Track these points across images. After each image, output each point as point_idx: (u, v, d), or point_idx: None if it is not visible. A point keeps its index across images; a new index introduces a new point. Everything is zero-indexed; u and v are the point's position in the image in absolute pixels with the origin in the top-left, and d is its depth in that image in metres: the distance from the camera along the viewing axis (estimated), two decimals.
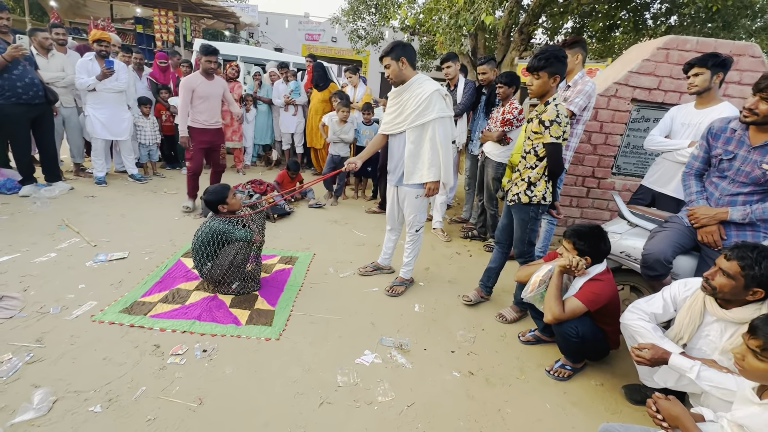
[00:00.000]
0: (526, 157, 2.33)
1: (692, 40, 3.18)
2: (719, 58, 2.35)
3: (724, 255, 1.55)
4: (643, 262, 2.10)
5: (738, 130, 1.97)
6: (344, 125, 4.63)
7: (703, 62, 2.38)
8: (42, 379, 1.76)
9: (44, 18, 10.89)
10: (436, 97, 2.38)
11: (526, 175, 2.32)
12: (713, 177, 2.09)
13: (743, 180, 1.94)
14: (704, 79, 2.39)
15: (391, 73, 2.44)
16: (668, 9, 7.12)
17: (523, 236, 2.44)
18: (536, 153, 2.26)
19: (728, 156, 1.98)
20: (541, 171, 2.28)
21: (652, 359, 1.59)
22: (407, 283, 2.89)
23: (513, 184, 2.43)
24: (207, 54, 3.64)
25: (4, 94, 3.68)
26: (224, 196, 2.51)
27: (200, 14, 10.61)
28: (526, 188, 2.32)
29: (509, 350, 2.33)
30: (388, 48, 2.40)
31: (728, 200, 2.00)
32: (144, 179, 4.89)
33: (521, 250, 2.49)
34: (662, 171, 2.72)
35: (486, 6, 5.15)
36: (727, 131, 2.02)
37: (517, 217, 2.43)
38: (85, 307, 2.31)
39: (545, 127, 2.14)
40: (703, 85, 2.40)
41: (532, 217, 2.38)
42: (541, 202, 2.32)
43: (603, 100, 3.38)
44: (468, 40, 8.06)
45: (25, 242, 2.99)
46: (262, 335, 2.22)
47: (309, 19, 17.40)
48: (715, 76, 2.38)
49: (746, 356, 1.26)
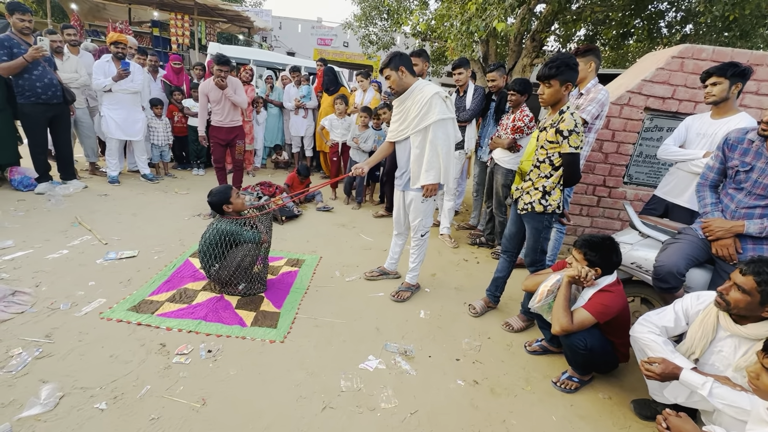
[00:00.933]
0: (540, 167, 2.28)
1: (708, 49, 3.14)
2: (739, 67, 2.27)
3: (739, 269, 1.51)
4: (655, 274, 2.06)
5: (756, 141, 1.93)
6: (364, 131, 4.64)
7: (721, 71, 2.30)
8: (50, 374, 1.79)
9: (65, 20, 11.19)
10: (435, 99, 2.40)
11: (540, 184, 2.28)
12: (729, 189, 2.05)
13: (761, 192, 1.89)
14: (722, 89, 2.32)
15: (393, 83, 2.48)
16: (683, 18, 7.02)
17: (536, 245, 2.41)
18: (552, 162, 2.22)
19: (745, 168, 1.94)
20: (556, 180, 2.24)
21: (662, 374, 1.55)
22: (413, 289, 2.88)
23: (524, 193, 2.38)
24: (219, 63, 3.93)
25: (24, 93, 3.78)
26: (227, 197, 2.53)
27: (215, 18, 10.80)
28: (540, 197, 2.28)
29: (515, 360, 2.30)
30: (386, 60, 2.46)
31: (745, 213, 1.96)
32: (156, 179, 4.96)
33: (533, 259, 2.45)
34: (676, 181, 2.66)
35: (498, 13, 5.14)
36: (744, 142, 1.98)
37: (530, 226, 2.40)
38: (94, 304, 2.34)
39: (563, 137, 2.10)
40: (720, 95, 2.33)
41: (545, 226, 2.35)
42: (555, 211, 2.30)
43: (615, 108, 3.34)
44: (479, 47, 8.06)
45: (39, 239, 3.05)
46: (267, 337, 2.22)
47: (322, 23, 17.59)
48: (733, 87, 2.31)
49: (761, 375, 1.22)
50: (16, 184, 4.01)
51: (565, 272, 2.00)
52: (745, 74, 2.28)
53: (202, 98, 4.12)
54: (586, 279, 1.93)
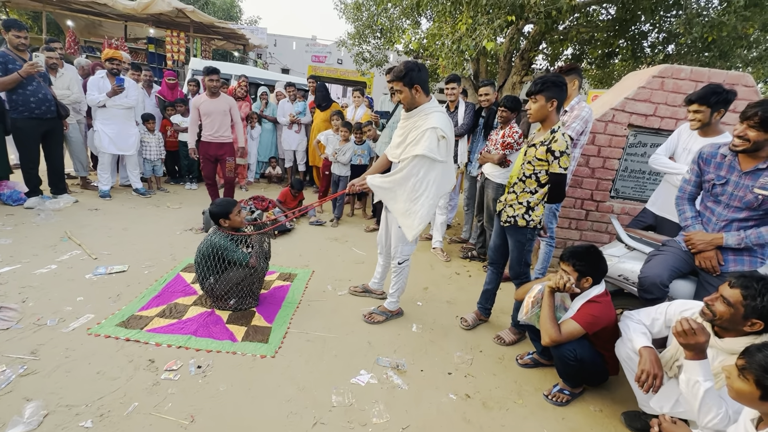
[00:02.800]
0: (525, 181, 2.31)
1: (686, 69, 3.27)
2: (721, 95, 2.29)
3: (728, 282, 1.53)
4: (639, 284, 2.11)
5: (728, 156, 2.00)
6: (344, 145, 4.72)
7: (704, 99, 2.33)
8: (34, 392, 1.75)
9: (61, 36, 11.28)
10: (429, 134, 2.19)
11: (525, 199, 2.33)
12: (708, 202, 2.11)
13: (737, 205, 1.96)
14: (704, 116, 2.37)
15: (404, 99, 2.28)
16: (665, 38, 7.31)
17: (519, 257, 2.44)
18: (538, 179, 2.26)
19: (720, 181, 2.01)
20: (540, 197, 2.29)
21: None
22: (389, 315, 2.69)
23: (507, 206, 2.42)
24: (208, 74, 4.03)
25: (18, 108, 3.79)
26: (228, 211, 2.54)
27: (211, 36, 10.97)
28: (524, 212, 2.33)
29: (507, 373, 2.30)
30: (401, 72, 2.20)
31: (724, 225, 2.02)
32: (148, 194, 4.95)
33: (517, 272, 2.47)
34: (665, 196, 2.71)
35: (487, 33, 5.32)
36: (717, 156, 2.04)
37: (513, 239, 2.44)
38: (82, 319, 2.31)
39: (555, 157, 2.14)
40: (704, 120, 2.39)
41: (528, 239, 2.39)
42: (537, 226, 2.34)
43: (600, 125, 3.45)
44: (470, 65, 8.27)
45: (27, 253, 3.01)
46: (258, 352, 2.20)
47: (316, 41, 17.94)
48: (716, 113, 2.36)
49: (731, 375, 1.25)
50: (5, 198, 3.97)
51: (546, 282, 2.04)
52: (728, 100, 2.32)
53: (193, 112, 4.18)
54: (566, 287, 1.96)
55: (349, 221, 4.96)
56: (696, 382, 1.47)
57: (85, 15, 9.34)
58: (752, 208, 1.91)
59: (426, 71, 2.27)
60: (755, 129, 1.80)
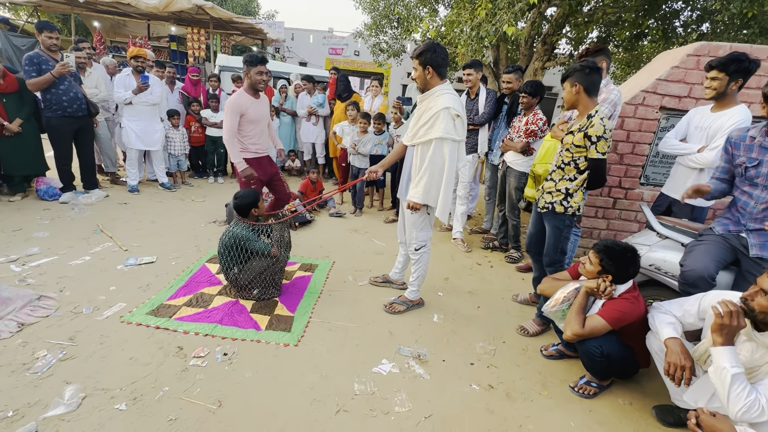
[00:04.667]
0: (564, 168, 2.30)
1: (725, 46, 3.07)
2: (743, 62, 2.23)
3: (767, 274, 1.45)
4: (684, 278, 1.99)
5: (757, 137, 1.93)
6: (363, 136, 4.70)
7: (723, 66, 2.26)
8: (73, 376, 1.84)
9: (89, 37, 11.68)
10: (444, 114, 2.19)
11: (563, 186, 2.31)
12: (744, 186, 2.01)
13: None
14: (721, 84, 2.30)
15: (418, 78, 2.30)
16: (699, 16, 6.89)
17: (556, 244, 2.42)
18: (577, 165, 2.25)
19: (753, 163, 1.93)
20: (579, 183, 2.27)
21: None
22: (409, 305, 2.68)
23: (546, 192, 2.41)
24: (256, 64, 2.93)
25: (52, 107, 3.96)
26: (256, 200, 2.61)
27: (230, 31, 11.11)
28: (562, 198, 2.31)
29: (531, 364, 2.26)
30: (419, 50, 2.24)
31: (764, 208, 1.90)
32: (173, 188, 5.10)
33: (553, 259, 2.45)
34: (677, 177, 2.67)
35: (508, 17, 5.15)
36: (746, 139, 1.98)
37: (551, 225, 2.42)
38: (115, 308, 2.41)
39: (592, 143, 2.12)
40: (719, 89, 2.31)
41: (567, 225, 2.37)
42: (576, 213, 2.32)
43: (630, 108, 3.29)
44: (490, 52, 8.06)
45: (63, 245, 3.16)
46: (281, 341, 2.24)
47: (333, 34, 17.87)
48: (733, 83, 2.29)
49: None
50: (42, 194, 4.17)
51: (585, 284, 1.97)
52: (748, 70, 2.25)
53: (232, 118, 2.94)
54: (604, 293, 1.90)
55: (368, 212, 4.97)
56: (723, 368, 1.41)
57: (110, 15, 9.63)
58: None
59: (444, 54, 2.26)
60: None
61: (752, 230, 1.95)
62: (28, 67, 3.79)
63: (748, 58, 2.23)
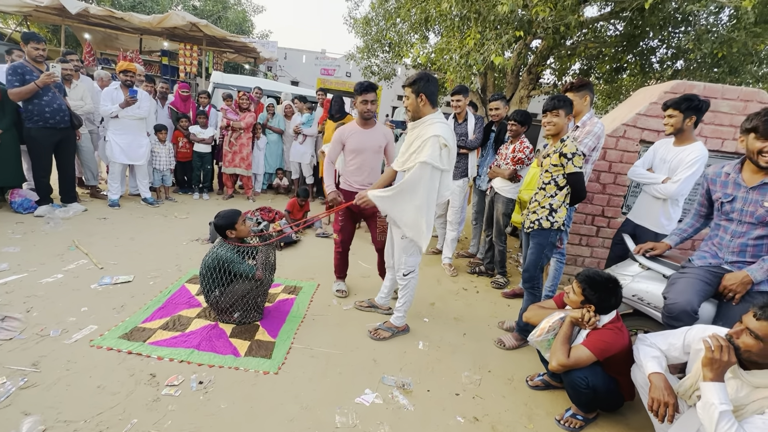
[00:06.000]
0: (545, 188, 2.47)
1: (699, 86, 3.23)
2: (693, 101, 2.43)
3: (753, 313, 1.43)
4: (667, 311, 2.01)
5: (731, 173, 2.01)
6: None
7: (677, 105, 2.47)
8: (33, 405, 1.72)
9: (78, 49, 11.60)
10: (432, 141, 2.21)
11: (547, 203, 2.46)
12: (720, 221, 2.08)
13: (750, 221, 1.92)
14: (677, 121, 2.49)
15: (409, 106, 2.33)
16: (674, 54, 7.30)
17: (537, 260, 2.52)
18: (557, 183, 2.42)
19: (728, 198, 2.01)
20: (562, 198, 2.43)
21: None
22: (395, 331, 2.64)
23: (530, 212, 2.54)
24: (360, 93, 2.73)
25: (33, 118, 3.87)
26: (233, 222, 2.52)
27: (223, 49, 11.20)
28: (547, 214, 2.45)
29: (517, 395, 2.22)
30: (412, 79, 2.29)
31: (739, 242, 1.96)
32: (156, 203, 4.98)
33: (532, 274, 2.54)
34: (641, 204, 2.82)
35: (496, 48, 5.35)
36: (721, 176, 2.06)
37: (535, 242, 2.52)
38: (85, 331, 2.29)
39: (568, 159, 2.32)
40: (676, 125, 2.50)
41: (550, 242, 2.49)
42: (560, 228, 2.45)
43: (612, 140, 3.40)
44: (478, 78, 8.32)
45: (34, 262, 3.02)
46: (261, 368, 2.16)
47: (325, 55, 18.23)
48: (687, 119, 2.47)
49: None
50: (16, 206, 4.02)
51: (569, 314, 1.97)
52: (700, 108, 2.45)
53: (335, 146, 2.91)
54: (588, 323, 1.90)
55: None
56: (711, 404, 1.39)
57: (102, 28, 9.61)
58: (765, 223, 1.88)
59: (435, 84, 2.33)
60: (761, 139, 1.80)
61: (731, 262, 2.00)
62: (11, 77, 3.72)
63: (698, 98, 2.45)
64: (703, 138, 3.29)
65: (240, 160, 5.58)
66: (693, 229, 2.31)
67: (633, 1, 5.41)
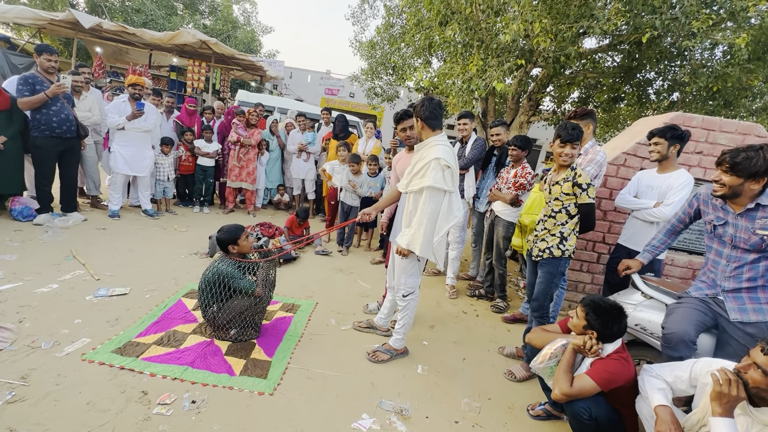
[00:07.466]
0: (555, 216, 2.46)
1: (698, 118, 3.31)
2: (677, 131, 2.59)
3: (761, 348, 1.41)
4: (665, 341, 1.99)
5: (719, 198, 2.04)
6: (358, 177, 4.76)
7: (662, 133, 2.62)
8: (19, 421, 1.66)
9: (89, 61, 11.83)
10: (434, 165, 2.25)
11: (558, 231, 2.44)
12: (714, 244, 2.08)
13: (744, 246, 1.93)
14: (663, 148, 2.63)
15: (415, 131, 2.51)
16: (670, 86, 7.49)
17: (546, 290, 2.49)
18: (568, 212, 2.42)
19: (720, 222, 2.03)
20: (572, 227, 2.43)
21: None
22: (394, 353, 2.60)
23: (539, 240, 2.51)
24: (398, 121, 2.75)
25: (40, 127, 3.90)
26: (236, 237, 2.51)
27: (231, 66, 11.44)
28: (558, 242, 2.43)
29: (518, 425, 2.16)
30: (414, 106, 2.45)
31: (736, 266, 1.96)
32: (156, 215, 4.97)
33: (541, 304, 2.51)
34: (634, 230, 2.88)
35: (497, 74, 5.49)
36: (713, 199, 2.10)
37: (544, 271, 2.49)
38: (78, 344, 2.24)
39: (583, 190, 2.33)
40: (662, 152, 2.63)
41: (560, 271, 2.46)
42: (571, 256, 2.44)
43: (612, 168, 3.45)
44: (479, 103, 8.49)
45: (30, 271, 2.98)
46: (256, 389, 2.10)
47: (330, 75, 18.63)
48: (672, 147, 2.61)
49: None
50: (16, 214, 3.99)
51: (572, 340, 1.94)
52: (682, 137, 2.60)
53: (393, 174, 3.09)
54: (590, 351, 1.87)
55: (355, 251, 4.91)
56: None
57: (114, 43, 9.83)
58: (761, 250, 1.89)
59: (436, 106, 2.37)
60: (727, 173, 1.88)
61: (728, 291, 1.98)
62: (22, 86, 3.77)
63: (680, 128, 2.61)
64: (703, 169, 3.34)
65: (246, 175, 5.62)
66: (665, 246, 2.38)
67: (630, 35, 5.60)
